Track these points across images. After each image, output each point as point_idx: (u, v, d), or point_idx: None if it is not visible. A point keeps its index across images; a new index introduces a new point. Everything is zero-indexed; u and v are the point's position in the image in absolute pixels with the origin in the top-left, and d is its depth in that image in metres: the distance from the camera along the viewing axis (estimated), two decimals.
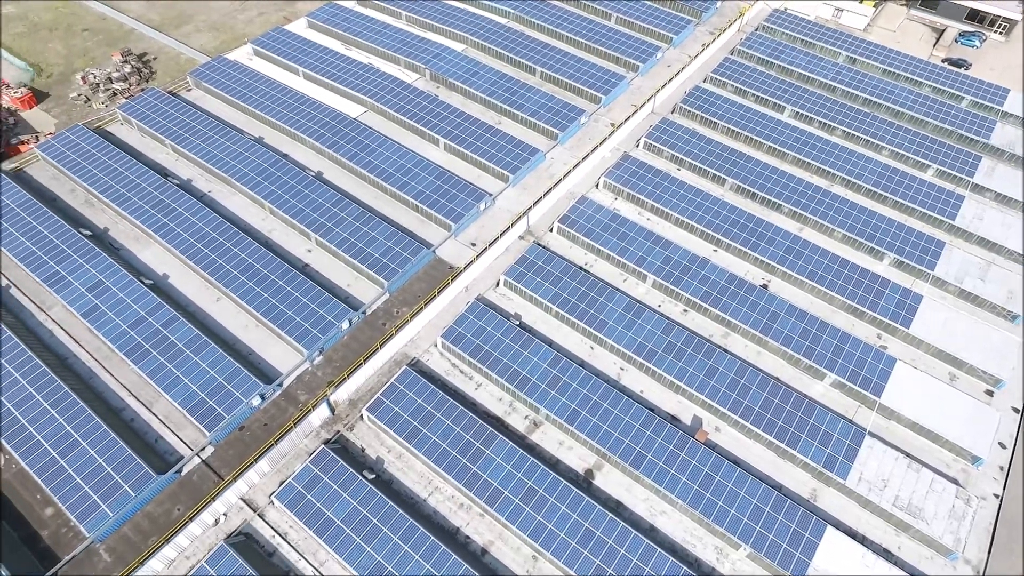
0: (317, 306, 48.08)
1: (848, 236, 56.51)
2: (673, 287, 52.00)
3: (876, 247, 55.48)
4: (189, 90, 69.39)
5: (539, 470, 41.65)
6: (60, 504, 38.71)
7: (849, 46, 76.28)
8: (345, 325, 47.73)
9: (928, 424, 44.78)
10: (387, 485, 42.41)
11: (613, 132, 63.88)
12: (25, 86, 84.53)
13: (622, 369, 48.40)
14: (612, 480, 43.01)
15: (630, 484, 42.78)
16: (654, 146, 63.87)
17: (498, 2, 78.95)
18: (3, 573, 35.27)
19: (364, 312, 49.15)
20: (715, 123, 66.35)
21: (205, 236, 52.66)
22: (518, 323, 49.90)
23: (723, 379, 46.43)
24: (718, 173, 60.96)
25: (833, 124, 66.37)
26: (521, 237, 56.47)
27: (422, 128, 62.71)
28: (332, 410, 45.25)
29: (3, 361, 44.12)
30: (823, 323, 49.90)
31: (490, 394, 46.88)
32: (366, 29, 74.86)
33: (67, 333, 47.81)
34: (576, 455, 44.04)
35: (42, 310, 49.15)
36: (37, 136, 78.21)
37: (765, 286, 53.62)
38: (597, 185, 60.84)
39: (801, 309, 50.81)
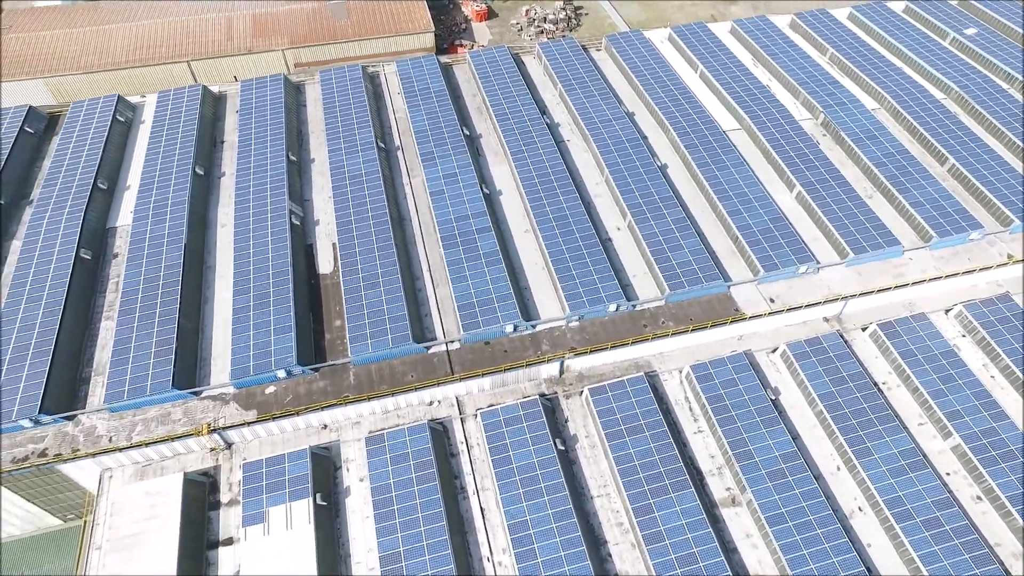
0: (599, 279, 50.00)
1: None
2: (982, 467, 41.97)
3: None
4: (598, 50, 75.44)
5: (711, 546, 38.58)
6: (346, 323, 48.01)
7: None
8: (612, 308, 48.96)
9: None
10: (569, 464, 43.54)
11: (1006, 264, 52.35)
12: (485, 4, 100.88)
13: (860, 508, 41.38)
14: None
15: None
16: None
17: (946, 75, 68.70)
18: (293, 346, 45.55)
19: (634, 306, 49.71)
20: None
21: (545, 176, 57.96)
22: (773, 397, 45.63)
23: None
24: None
25: None
26: (826, 319, 50.67)
27: (784, 167, 59.04)
28: (561, 372, 47.48)
29: (369, 204, 55.35)
30: None
31: (705, 446, 44.29)
32: (783, 53, 71.98)
33: (414, 201, 57.78)
34: (757, 557, 39.61)
35: (408, 175, 60.03)
36: (472, 44, 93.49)
37: None
38: (948, 311, 51.08)
39: None
